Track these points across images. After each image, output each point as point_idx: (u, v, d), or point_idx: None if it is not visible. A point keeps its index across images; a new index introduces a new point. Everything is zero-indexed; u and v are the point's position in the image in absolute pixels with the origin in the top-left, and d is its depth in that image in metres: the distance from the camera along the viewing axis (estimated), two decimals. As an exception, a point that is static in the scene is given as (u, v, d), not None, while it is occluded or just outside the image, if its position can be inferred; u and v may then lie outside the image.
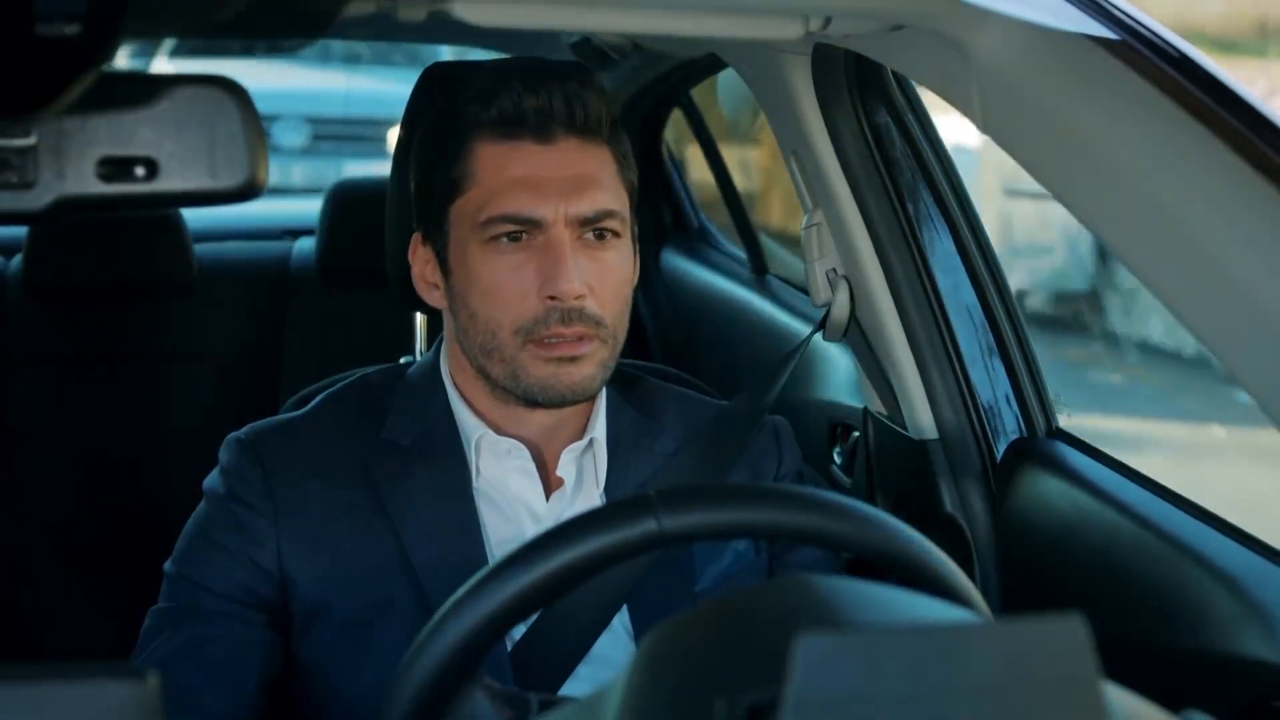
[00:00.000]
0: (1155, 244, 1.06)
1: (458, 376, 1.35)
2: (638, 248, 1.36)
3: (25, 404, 2.55)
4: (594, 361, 1.28)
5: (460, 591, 0.92)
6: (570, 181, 1.26)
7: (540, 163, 1.26)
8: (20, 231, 2.67)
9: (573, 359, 1.27)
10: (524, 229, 1.26)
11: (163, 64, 9.55)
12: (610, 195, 1.28)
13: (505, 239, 1.27)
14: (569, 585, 0.92)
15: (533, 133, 1.27)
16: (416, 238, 1.36)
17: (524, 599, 0.91)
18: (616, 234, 1.29)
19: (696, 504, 0.93)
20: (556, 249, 1.25)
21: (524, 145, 1.27)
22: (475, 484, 1.32)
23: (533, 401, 1.29)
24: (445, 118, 1.32)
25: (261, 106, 0.72)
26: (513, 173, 1.26)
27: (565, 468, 1.33)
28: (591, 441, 1.35)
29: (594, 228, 1.27)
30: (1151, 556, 1.38)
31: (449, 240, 1.31)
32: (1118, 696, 0.67)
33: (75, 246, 2.55)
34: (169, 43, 9.89)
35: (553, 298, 1.25)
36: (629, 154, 1.33)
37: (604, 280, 1.28)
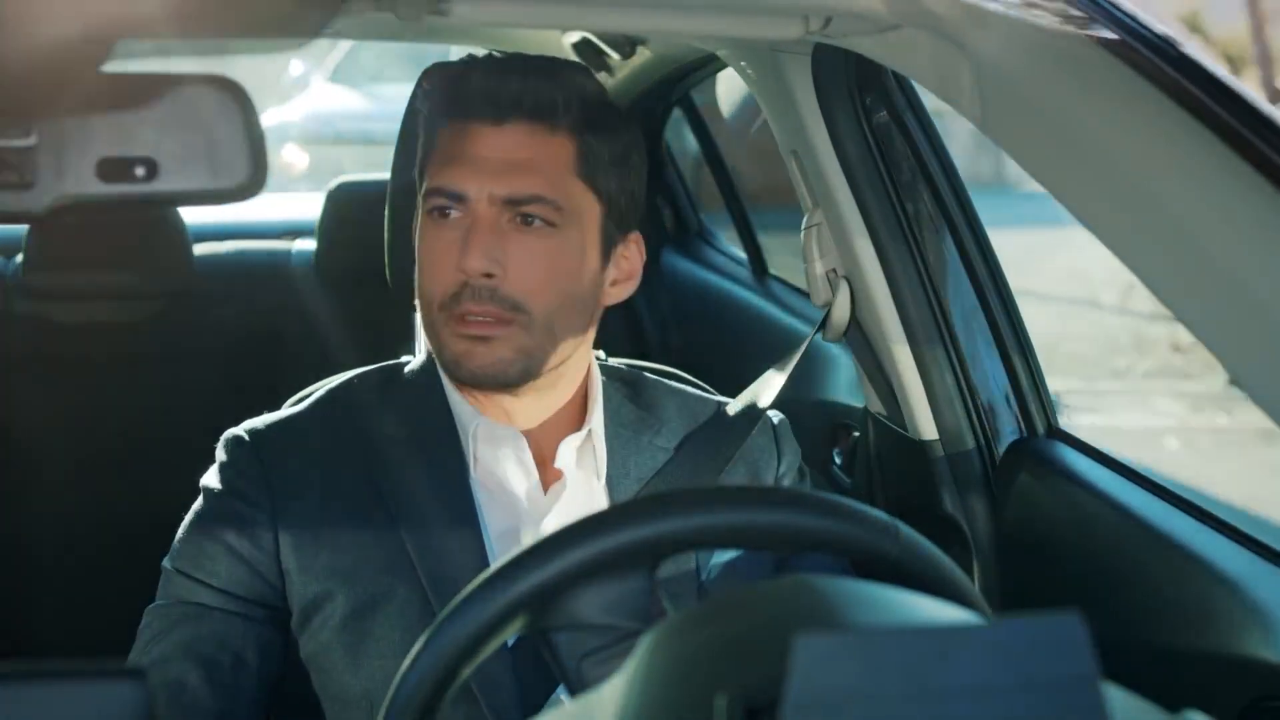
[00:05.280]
0: (1155, 244, 1.06)
1: None
2: (612, 249, 1.34)
3: (25, 404, 2.55)
4: (509, 345, 1.28)
5: (705, 495, 0.95)
6: (504, 163, 1.27)
7: (485, 143, 1.28)
8: (20, 231, 2.67)
9: (483, 339, 1.27)
10: (453, 204, 1.28)
11: (321, 83, 9.50)
12: (546, 182, 1.27)
13: (438, 214, 1.29)
14: (766, 545, 0.97)
15: (486, 115, 1.28)
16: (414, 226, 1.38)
17: (738, 536, 0.95)
18: (549, 222, 1.28)
19: (934, 558, 0.96)
20: (474, 225, 1.27)
21: (477, 126, 1.28)
22: (473, 474, 1.32)
23: (458, 379, 1.31)
24: (427, 108, 1.34)
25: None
26: (457, 150, 1.28)
27: (564, 458, 1.33)
28: (590, 433, 1.35)
29: (520, 211, 1.27)
30: (1151, 556, 1.38)
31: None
32: (1118, 696, 0.67)
33: (75, 246, 2.55)
34: (331, 66, 9.90)
35: (466, 273, 1.26)
36: (608, 154, 1.31)
37: (527, 265, 1.27)
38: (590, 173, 1.30)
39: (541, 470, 1.34)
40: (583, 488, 1.34)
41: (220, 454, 1.33)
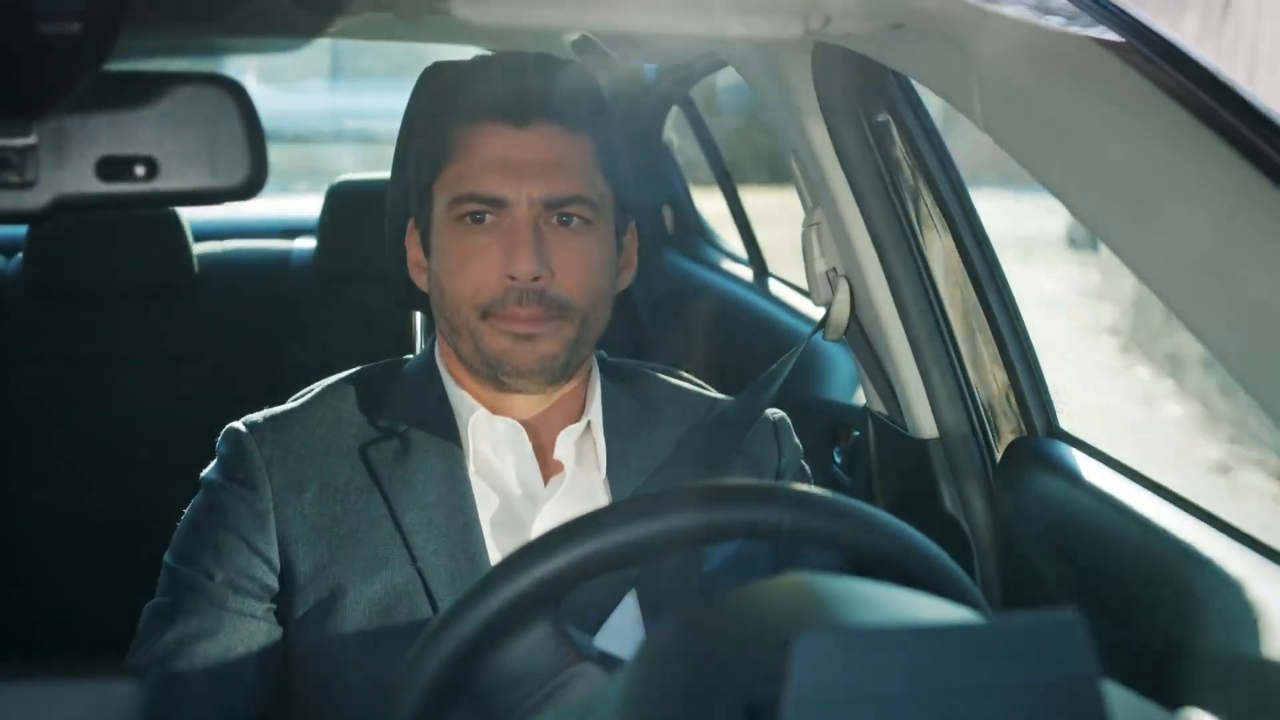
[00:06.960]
0: (1155, 244, 1.06)
1: (448, 362, 1.37)
2: (621, 240, 1.37)
3: (25, 403, 2.55)
4: (556, 339, 1.29)
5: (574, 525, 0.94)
6: (539, 165, 1.28)
7: (513, 145, 1.28)
8: (20, 231, 2.67)
9: (529, 336, 1.28)
10: (490, 209, 1.28)
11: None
12: (581, 182, 1.29)
13: (472, 219, 1.29)
14: (659, 554, 0.94)
15: (509, 117, 1.28)
16: (410, 224, 1.38)
17: (626, 553, 0.93)
18: (587, 220, 1.30)
19: (834, 512, 0.95)
20: (518, 229, 1.27)
21: (499, 128, 1.29)
22: (472, 466, 1.33)
23: (497, 377, 1.31)
24: (433, 107, 1.34)
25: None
26: (484, 154, 1.28)
27: (564, 450, 1.34)
28: (589, 425, 1.36)
29: (560, 212, 1.28)
30: (1151, 556, 1.38)
31: (431, 221, 1.33)
32: (1118, 696, 0.67)
33: (75, 246, 2.55)
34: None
35: (512, 278, 1.26)
36: (615, 146, 1.34)
37: (572, 264, 1.28)
38: (607, 167, 1.32)
39: (541, 462, 1.34)
40: (583, 481, 1.35)
41: (221, 447, 1.34)
